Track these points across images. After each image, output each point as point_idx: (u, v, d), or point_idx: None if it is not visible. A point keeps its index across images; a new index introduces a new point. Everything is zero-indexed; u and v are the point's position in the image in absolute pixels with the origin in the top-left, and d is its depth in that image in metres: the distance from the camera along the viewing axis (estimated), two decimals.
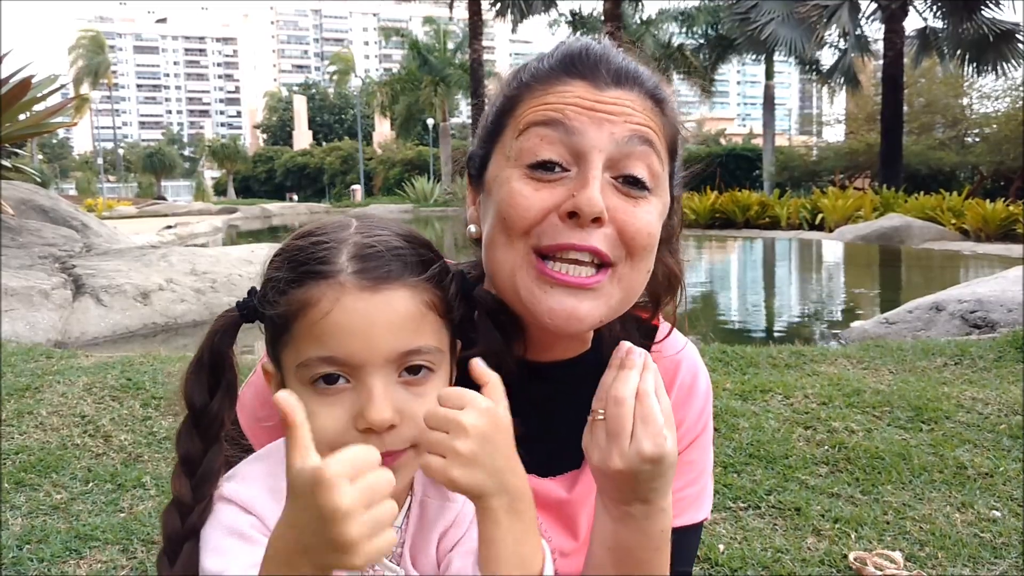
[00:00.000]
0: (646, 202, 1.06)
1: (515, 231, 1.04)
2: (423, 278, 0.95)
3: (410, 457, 0.93)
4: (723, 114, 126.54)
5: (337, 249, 0.93)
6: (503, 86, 1.15)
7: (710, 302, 10.86)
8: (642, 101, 1.08)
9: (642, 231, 1.05)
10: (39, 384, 4.46)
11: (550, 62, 1.10)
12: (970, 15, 21.93)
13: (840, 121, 38.74)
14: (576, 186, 1.03)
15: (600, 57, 1.09)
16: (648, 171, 1.06)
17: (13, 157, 10.76)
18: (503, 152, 1.09)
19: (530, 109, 1.07)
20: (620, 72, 1.08)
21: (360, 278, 0.91)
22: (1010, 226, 16.09)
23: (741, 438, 3.62)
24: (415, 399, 0.92)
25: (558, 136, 1.04)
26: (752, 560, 2.71)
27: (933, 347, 5.21)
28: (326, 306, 0.90)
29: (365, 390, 0.90)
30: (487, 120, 1.15)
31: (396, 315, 0.91)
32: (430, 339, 0.94)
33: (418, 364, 0.93)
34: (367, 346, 0.89)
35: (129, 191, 75.03)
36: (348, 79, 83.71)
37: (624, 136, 1.04)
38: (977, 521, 2.95)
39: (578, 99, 1.05)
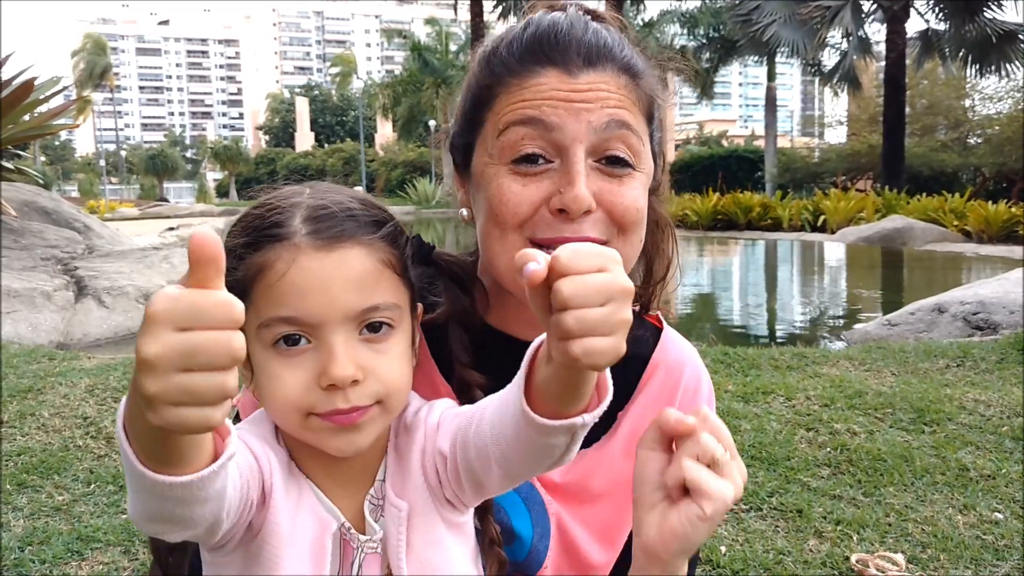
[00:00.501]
0: (630, 178, 1.08)
1: (508, 227, 1.07)
2: (377, 236, 0.96)
3: (376, 413, 0.93)
4: (725, 116, 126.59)
5: (291, 212, 0.94)
6: (477, 71, 1.15)
7: (712, 304, 10.85)
8: (615, 79, 1.08)
9: (630, 208, 1.08)
10: (41, 386, 4.46)
11: (519, 49, 1.10)
12: (972, 16, 21.90)
13: (842, 123, 38.69)
14: (562, 180, 1.05)
15: (569, 37, 1.08)
16: (629, 149, 1.08)
17: (16, 159, 10.78)
18: (485, 148, 1.10)
19: (507, 107, 1.08)
20: (591, 51, 1.08)
21: (314, 238, 0.92)
22: (1012, 228, 16.07)
23: (743, 440, 3.62)
24: (377, 356, 0.93)
25: (537, 132, 1.05)
26: (754, 562, 2.71)
27: (935, 349, 5.20)
28: (282, 267, 0.90)
29: (326, 348, 0.90)
30: (465, 106, 1.16)
31: (352, 272, 0.92)
32: (388, 296, 0.95)
33: (378, 321, 0.94)
34: (325, 304, 0.90)
35: (131, 193, 75.12)
36: (350, 81, 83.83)
37: (602, 123, 1.05)
38: (979, 523, 2.95)
39: (553, 91, 1.06)
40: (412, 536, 0.97)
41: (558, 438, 0.84)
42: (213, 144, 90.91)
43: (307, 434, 0.93)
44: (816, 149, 38.56)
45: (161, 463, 0.69)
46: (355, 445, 0.93)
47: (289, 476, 0.96)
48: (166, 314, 0.62)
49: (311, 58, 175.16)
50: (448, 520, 1.00)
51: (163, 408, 0.62)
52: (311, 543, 0.94)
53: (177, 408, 0.62)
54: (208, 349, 0.61)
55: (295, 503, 0.95)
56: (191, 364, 0.61)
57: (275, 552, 0.91)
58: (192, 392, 0.62)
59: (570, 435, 0.84)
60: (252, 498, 0.89)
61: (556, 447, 0.85)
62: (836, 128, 41.87)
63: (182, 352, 0.61)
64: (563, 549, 1.19)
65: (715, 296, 11.66)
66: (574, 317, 0.71)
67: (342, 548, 0.96)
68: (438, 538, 0.99)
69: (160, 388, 0.61)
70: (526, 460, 0.89)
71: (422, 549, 0.97)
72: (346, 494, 0.98)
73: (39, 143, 51.61)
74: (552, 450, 0.86)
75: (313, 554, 0.93)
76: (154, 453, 0.69)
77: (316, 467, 0.98)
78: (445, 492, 0.99)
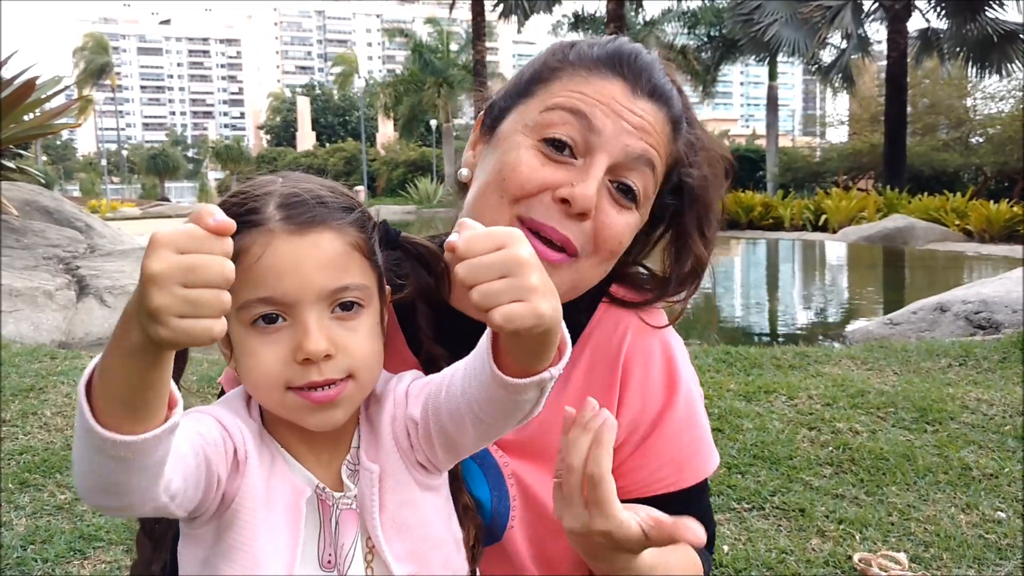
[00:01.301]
0: (629, 213, 1.14)
1: (509, 195, 1.11)
2: (347, 221, 1.02)
3: (351, 389, 1.00)
4: (726, 115, 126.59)
5: (265, 200, 1.00)
6: (548, 54, 1.20)
7: (714, 303, 10.85)
8: (664, 124, 1.15)
9: (616, 236, 1.13)
10: (43, 385, 4.47)
11: (600, 51, 1.16)
12: (974, 15, 21.89)
13: (843, 122, 38.69)
14: (577, 177, 1.10)
15: (646, 66, 1.16)
16: (642, 188, 1.14)
17: (17, 158, 10.77)
18: (523, 117, 1.15)
19: (565, 90, 1.13)
20: (657, 87, 1.16)
21: (288, 223, 0.98)
22: (1014, 227, 16.06)
23: (745, 439, 3.61)
24: (348, 332, 1.00)
25: (579, 126, 1.11)
26: (756, 561, 2.71)
27: (937, 348, 5.20)
28: (258, 251, 0.96)
29: (300, 325, 0.97)
30: (520, 79, 1.21)
31: (324, 254, 0.98)
32: (357, 277, 1.01)
33: (349, 300, 1.00)
34: (299, 284, 0.96)
35: (133, 192, 75.27)
36: (351, 80, 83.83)
37: (636, 152, 1.12)
38: (982, 522, 2.95)
39: (611, 99, 1.12)
40: (385, 498, 1.03)
41: (528, 394, 0.90)
42: (214, 143, 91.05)
43: (285, 411, 1.00)
44: (817, 148, 38.56)
45: (120, 418, 0.76)
46: (333, 420, 1.01)
47: (261, 445, 1.02)
48: (169, 238, 0.71)
49: (312, 57, 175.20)
50: (421, 482, 1.06)
51: (169, 319, 0.70)
52: (286, 507, 1.00)
53: (182, 319, 0.71)
54: (205, 268, 0.71)
55: (268, 470, 1.01)
56: (191, 280, 0.71)
57: (250, 516, 0.97)
58: (194, 303, 0.71)
59: (539, 390, 0.90)
60: (218, 472, 0.95)
61: (527, 402, 0.91)
62: (837, 127, 41.87)
63: (183, 268, 0.71)
64: (526, 505, 1.23)
65: (717, 295, 11.66)
66: (478, 292, 0.79)
67: (320, 508, 1.02)
68: (411, 499, 1.05)
69: (167, 300, 0.70)
70: (498, 417, 0.94)
71: (396, 509, 1.03)
72: (322, 461, 1.05)
73: (41, 142, 51.67)
74: (523, 404, 0.92)
75: (288, 518, 0.99)
76: (121, 404, 0.76)
77: (291, 437, 1.04)
78: (417, 456, 1.05)
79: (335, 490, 1.04)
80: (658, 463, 1.23)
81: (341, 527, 1.03)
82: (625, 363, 1.23)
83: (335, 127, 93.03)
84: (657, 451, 1.23)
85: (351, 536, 1.03)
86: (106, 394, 0.77)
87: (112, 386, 0.77)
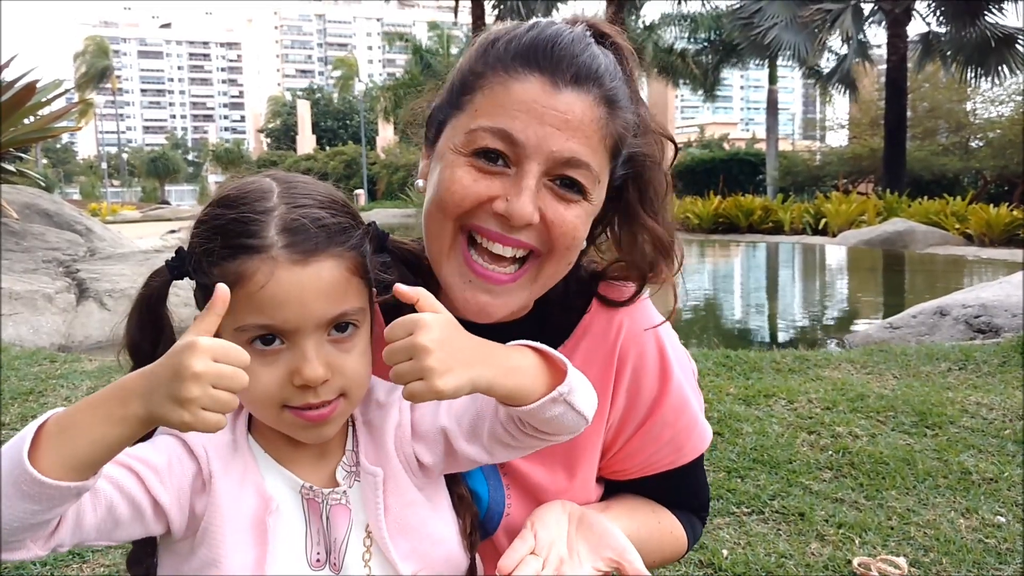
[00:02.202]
0: (577, 205, 1.15)
1: (448, 213, 1.14)
2: (347, 247, 1.05)
3: (342, 407, 1.05)
4: (726, 119, 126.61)
5: (265, 223, 1.02)
6: (473, 55, 1.20)
7: (713, 307, 10.84)
8: (593, 109, 1.13)
9: (568, 232, 1.15)
10: (43, 388, 4.47)
11: (517, 46, 1.15)
12: (972, 19, 21.89)
13: (843, 126, 38.62)
14: (512, 190, 1.11)
15: (564, 52, 1.13)
16: (584, 178, 1.14)
17: (18, 161, 10.78)
18: (454, 134, 1.16)
19: (486, 105, 1.13)
20: (580, 72, 1.13)
21: (291, 252, 1.00)
22: (1014, 231, 16.04)
23: (745, 443, 3.61)
24: (343, 354, 1.04)
25: (503, 144, 1.12)
26: (756, 565, 2.71)
27: (937, 352, 5.20)
28: (261, 279, 0.99)
29: (299, 351, 1.01)
30: (452, 84, 1.22)
31: (325, 284, 1.01)
32: (355, 301, 1.05)
33: (345, 322, 1.05)
34: (300, 314, 1.00)
35: (133, 195, 75.23)
36: (352, 84, 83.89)
37: (563, 157, 1.11)
38: (982, 527, 2.95)
39: (531, 104, 1.11)
40: (388, 500, 1.08)
41: (551, 411, 0.99)
42: (215, 147, 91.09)
43: (279, 424, 1.05)
44: (817, 152, 38.50)
45: (64, 469, 0.86)
46: (324, 436, 1.07)
47: (233, 457, 1.06)
48: (209, 347, 0.86)
49: (313, 61, 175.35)
50: (420, 485, 1.11)
51: (196, 409, 0.85)
52: (252, 522, 1.03)
53: (203, 411, 0.85)
54: (231, 377, 0.87)
55: (238, 484, 1.04)
56: (219, 383, 0.86)
57: (218, 533, 1.02)
58: (216, 400, 0.86)
59: (561, 404, 0.99)
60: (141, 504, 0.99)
61: (560, 415, 1.00)
62: (837, 131, 41.85)
63: (217, 373, 0.86)
64: (520, 495, 1.28)
65: (716, 299, 11.65)
66: (392, 372, 0.93)
67: (309, 506, 1.07)
68: (412, 500, 1.10)
69: (199, 394, 0.85)
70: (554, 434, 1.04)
71: (399, 510, 1.08)
72: (309, 463, 1.09)
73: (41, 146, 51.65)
74: (561, 418, 1.00)
75: (255, 532, 1.02)
76: (77, 457, 0.86)
77: (278, 441, 1.09)
78: (420, 458, 1.10)
79: (324, 487, 1.07)
80: (656, 446, 1.32)
81: (332, 523, 1.06)
82: (620, 358, 1.29)
83: (335, 131, 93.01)
84: (654, 435, 1.31)
85: (343, 531, 1.06)
86: (71, 445, 0.86)
87: (77, 440, 0.86)
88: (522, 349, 1.01)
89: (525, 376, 0.98)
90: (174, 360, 0.86)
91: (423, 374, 0.91)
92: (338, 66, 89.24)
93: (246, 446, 1.08)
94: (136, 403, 0.86)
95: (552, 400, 0.97)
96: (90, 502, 0.95)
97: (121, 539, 1.01)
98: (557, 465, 1.28)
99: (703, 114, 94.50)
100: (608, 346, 1.28)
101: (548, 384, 0.99)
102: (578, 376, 1.01)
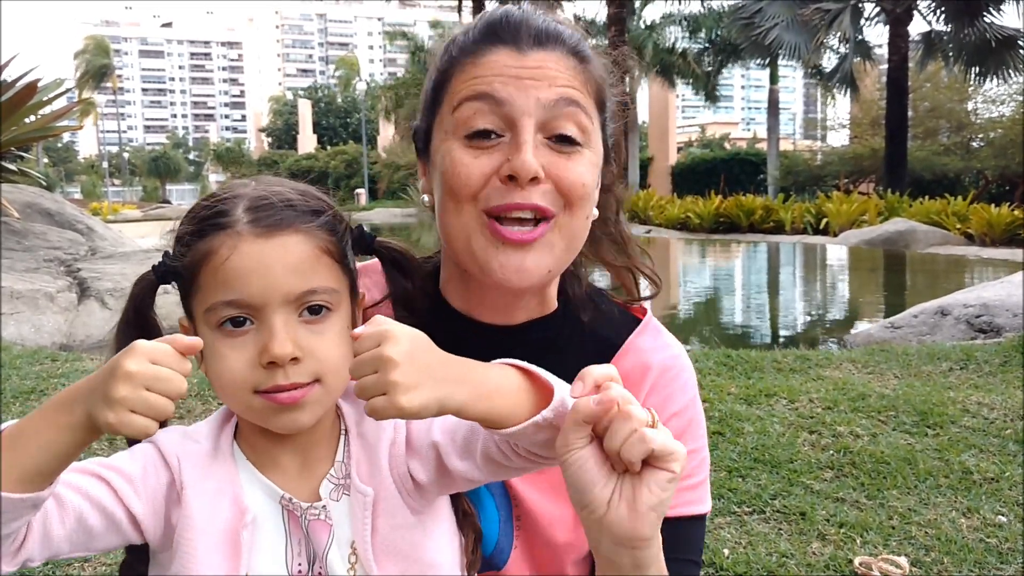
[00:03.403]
0: (579, 156, 1.13)
1: (462, 197, 1.12)
2: (315, 224, 1.02)
3: (318, 393, 1.00)
4: (727, 118, 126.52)
5: (235, 203, 1.01)
6: (436, 61, 1.21)
7: (714, 306, 10.84)
8: (565, 60, 1.14)
9: (576, 183, 1.13)
10: (44, 387, 4.47)
11: (474, 34, 1.17)
12: (972, 19, 21.88)
13: (844, 126, 38.61)
14: (511, 150, 1.10)
15: (520, 21, 1.15)
16: (577, 127, 1.13)
17: (19, 160, 10.78)
18: (442, 126, 1.16)
19: (461, 84, 1.14)
20: (541, 33, 1.14)
21: (255, 226, 0.99)
22: (1015, 231, 16.03)
23: (746, 442, 3.61)
24: (316, 336, 1.00)
25: (489, 108, 1.11)
26: (757, 565, 2.71)
27: (938, 352, 5.20)
28: (225, 252, 0.98)
29: (267, 328, 0.98)
30: (426, 95, 1.22)
31: (291, 257, 0.98)
32: (325, 280, 1.01)
33: (317, 304, 1.01)
34: (265, 287, 0.97)
35: (134, 195, 75.34)
36: (353, 83, 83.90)
37: (551, 100, 1.11)
38: (983, 526, 2.95)
39: (504, 67, 1.12)
40: (377, 521, 1.02)
41: (538, 435, 0.92)
42: (216, 146, 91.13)
43: (252, 414, 1.01)
44: (818, 152, 38.46)
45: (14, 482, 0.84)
46: (297, 423, 1.01)
47: (213, 462, 1.03)
48: (147, 349, 0.85)
49: (314, 60, 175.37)
50: (414, 507, 1.05)
51: (122, 410, 0.83)
52: (226, 535, 0.99)
53: (131, 414, 0.83)
54: (167, 380, 0.85)
55: (212, 496, 1.01)
56: (153, 386, 0.84)
57: (189, 547, 0.99)
58: (147, 403, 0.83)
59: (547, 430, 0.91)
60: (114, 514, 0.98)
61: (549, 438, 0.92)
62: (838, 131, 41.84)
63: (151, 375, 0.84)
64: (529, 530, 1.23)
65: (718, 298, 11.65)
66: (356, 385, 0.88)
67: (288, 518, 1.03)
68: (403, 523, 1.04)
69: (128, 394, 0.82)
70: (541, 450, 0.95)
71: (387, 532, 1.03)
72: (293, 473, 1.05)
73: (42, 144, 51.72)
74: (551, 439, 0.92)
75: (228, 546, 0.99)
76: (27, 466, 0.85)
77: (261, 448, 1.05)
78: (414, 477, 1.04)
79: (306, 501, 1.03)
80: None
81: (312, 537, 1.02)
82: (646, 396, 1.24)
83: (336, 130, 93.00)
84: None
85: (322, 546, 1.02)
86: (13, 455, 0.85)
87: (26, 449, 0.85)
88: (504, 368, 0.94)
89: (504, 398, 0.90)
90: (114, 360, 0.84)
91: (387, 388, 0.85)
92: (339, 65, 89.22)
93: (229, 453, 1.04)
94: (79, 407, 0.85)
95: (536, 425, 0.90)
96: (56, 513, 0.92)
97: (101, 549, 0.99)
98: (568, 507, 1.21)
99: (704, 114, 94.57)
100: (633, 385, 1.22)
101: (534, 406, 0.91)
102: (567, 395, 0.92)
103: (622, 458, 0.89)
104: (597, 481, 0.91)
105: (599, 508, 0.91)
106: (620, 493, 0.91)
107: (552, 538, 1.23)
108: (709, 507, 1.28)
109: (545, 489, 1.22)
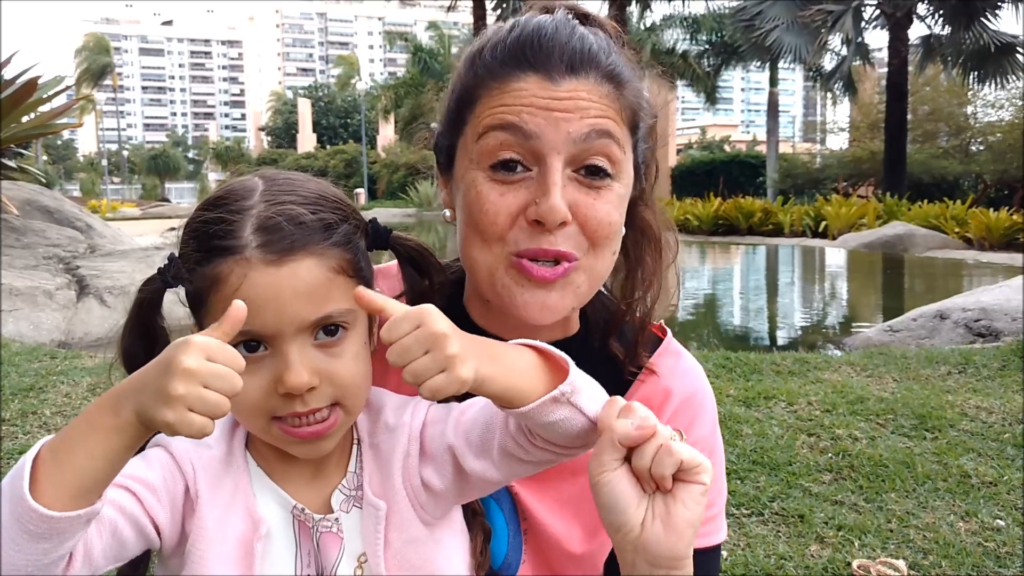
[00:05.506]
0: (608, 191, 1.09)
1: (488, 237, 1.09)
2: (328, 244, 0.97)
3: (340, 419, 0.98)
4: (727, 121, 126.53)
5: (240, 223, 0.96)
6: (462, 71, 1.15)
7: (713, 309, 10.85)
8: (598, 88, 1.08)
9: (603, 223, 1.09)
10: (43, 384, 4.47)
11: (503, 52, 1.10)
12: (969, 22, 21.91)
13: (844, 129, 38.68)
14: (538, 191, 1.06)
15: (552, 43, 1.08)
16: (608, 159, 1.08)
17: (18, 158, 10.78)
18: (466, 152, 1.12)
19: (487, 110, 1.08)
20: (574, 58, 1.08)
21: (264, 252, 0.94)
22: (1014, 235, 16.04)
23: (744, 445, 3.61)
24: (332, 359, 0.97)
25: (516, 140, 1.06)
26: (755, 567, 2.71)
27: (937, 355, 5.20)
28: (235, 282, 0.94)
29: (282, 357, 0.95)
30: (449, 108, 1.17)
31: (303, 285, 0.94)
32: (340, 302, 0.97)
33: (333, 325, 0.97)
34: (278, 317, 0.94)
35: (133, 193, 75.24)
36: (353, 83, 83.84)
37: (582, 133, 1.06)
38: (981, 530, 2.95)
39: (533, 98, 1.06)
40: (390, 535, 1.01)
41: (554, 413, 0.90)
42: (215, 145, 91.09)
43: (270, 438, 0.99)
44: (818, 155, 38.53)
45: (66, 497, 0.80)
46: (319, 451, 1.00)
47: (224, 474, 1.00)
48: (204, 344, 0.81)
49: (314, 59, 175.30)
50: (426, 520, 1.03)
51: (181, 408, 0.79)
52: (239, 545, 0.97)
53: (189, 412, 0.79)
54: (224, 378, 0.81)
55: (227, 504, 0.98)
56: (211, 384, 0.80)
57: (201, 557, 0.96)
58: (205, 402, 0.79)
59: (564, 406, 0.90)
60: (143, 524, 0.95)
61: (565, 419, 0.91)
62: (838, 134, 41.90)
63: (210, 372, 0.80)
64: (537, 541, 1.22)
65: (716, 301, 11.66)
66: (408, 372, 0.84)
67: (299, 528, 1.01)
68: (416, 536, 1.02)
69: (186, 391, 0.78)
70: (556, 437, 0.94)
71: (399, 547, 1.01)
72: (304, 483, 1.03)
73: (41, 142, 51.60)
74: (567, 422, 0.92)
75: (242, 556, 0.97)
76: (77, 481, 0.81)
77: (273, 457, 1.03)
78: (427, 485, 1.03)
79: (318, 512, 1.01)
80: None
81: (323, 549, 1.00)
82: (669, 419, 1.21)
83: (336, 129, 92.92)
84: None
85: (332, 560, 1.00)
86: (62, 470, 0.81)
87: (75, 461, 0.81)
88: (520, 348, 0.94)
89: (522, 375, 0.90)
90: (166, 356, 0.80)
91: (446, 364, 0.83)
92: (339, 65, 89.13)
93: (242, 461, 1.02)
94: (128, 407, 0.80)
95: (553, 400, 0.89)
96: (95, 529, 0.89)
97: (127, 559, 0.96)
98: (576, 522, 1.22)
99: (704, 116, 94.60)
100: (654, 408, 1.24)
101: (549, 385, 0.91)
102: (583, 377, 0.93)
103: (653, 475, 0.90)
104: (631, 502, 0.91)
105: (634, 529, 0.91)
106: (654, 512, 0.91)
107: (559, 553, 1.22)
108: (725, 536, 1.25)
109: (552, 505, 1.21)
